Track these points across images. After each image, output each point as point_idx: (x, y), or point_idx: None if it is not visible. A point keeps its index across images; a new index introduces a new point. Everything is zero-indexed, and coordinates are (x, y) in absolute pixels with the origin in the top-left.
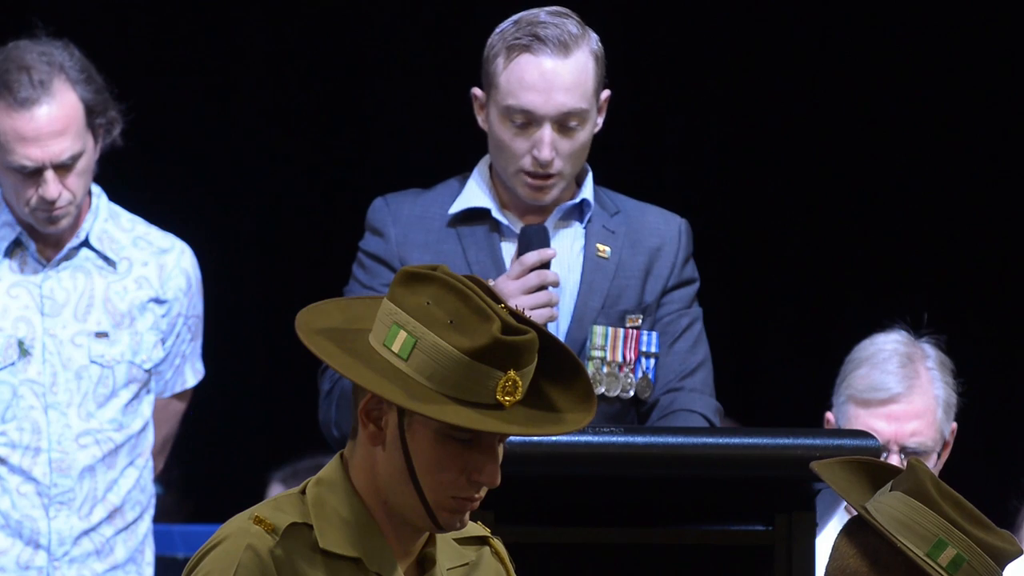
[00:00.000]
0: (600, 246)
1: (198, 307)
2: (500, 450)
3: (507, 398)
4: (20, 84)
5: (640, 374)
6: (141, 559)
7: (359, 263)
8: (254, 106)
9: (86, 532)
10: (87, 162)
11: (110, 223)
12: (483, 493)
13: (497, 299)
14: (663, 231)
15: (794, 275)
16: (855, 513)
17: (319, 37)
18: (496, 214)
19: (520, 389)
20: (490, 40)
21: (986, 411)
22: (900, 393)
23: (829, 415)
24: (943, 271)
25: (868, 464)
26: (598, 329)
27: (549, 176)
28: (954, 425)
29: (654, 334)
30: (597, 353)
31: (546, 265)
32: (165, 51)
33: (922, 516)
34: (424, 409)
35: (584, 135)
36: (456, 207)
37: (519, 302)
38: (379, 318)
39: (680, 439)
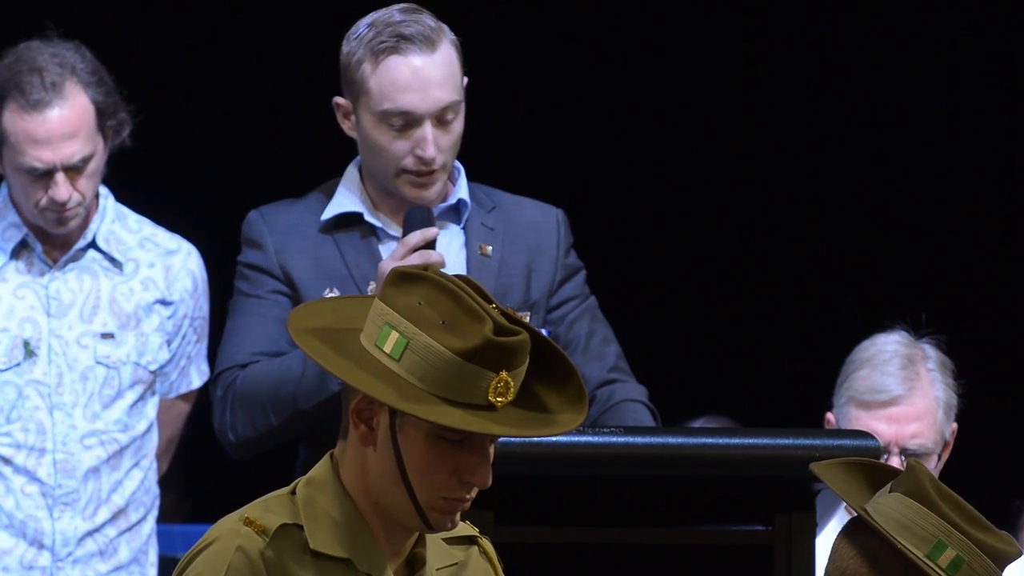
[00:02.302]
0: (483, 246)
1: (204, 308)
2: (491, 451)
3: (499, 399)
4: (32, 86)
5: None
6: (145, 560)
7: (240, 276)
8: (256, 107)
9: (90, 533)
10: (97, 164)
11: (117, 224)
12: (474, 494)
13: (489, 299)
14: (541, 225)
15: (794, 275)
16: (855, 514)
17: (322, 39)
18: (369, 217)
19: (512, 390)
20: (347, 48)
21: (986, 412)
22: (901, 395)
23: (829, 416)
24: (943, 271)
25: (867, 465)
26: None
27: (432, 172)
28: (954, 426)
29: (544, 331)
30: None
31: (431, 245)
32: (166, 52)
33: (922, 517)
34: (415, 410)
35: (459, 126)
36: (328, 213)
37: None
38: (371, 318)
39: (680, 439)
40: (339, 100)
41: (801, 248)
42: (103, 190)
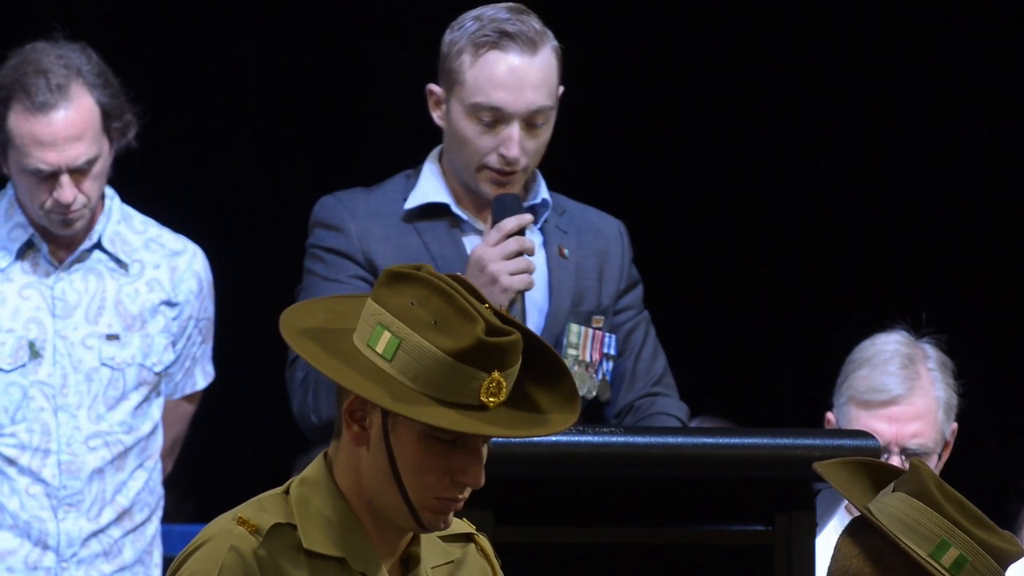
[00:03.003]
0: (561, 247)
1: (209, 309)
2: (484, 451)
3: (491, 399)
4: (37, 88)
5: (600, 375)
6: (149, 560)
7: (316, 259)
8: (253, 107)
9: (95, 534)
10: (102, 166)
11: (123, 225)
12: (467, 494)
13: (481, 299)
14: (606, 233)
15: (795, 275)
16: (855, 513)
17: (320, 40)
18: (456, 209)
19: (504, 390)
20: (449, 37)
21: (986, 411)
22: (901, 395)
23: (829, 415)
24: (943, 271)
25: (871, 465)
26: (574, 328)
27: (513, 172)
28: (955, 426)
29: (614, 336)
30: (572, 352)
31: (522, 232)
32: (169, 53)
33: (925, 517)
34: (407, 411)
35: (547, 132)
36: (413, 202)
37: (499, 267)
38: (363, 318)
39: (680, 439)
40: (433, 87)
41: (801, 248)
42: (109, 191)
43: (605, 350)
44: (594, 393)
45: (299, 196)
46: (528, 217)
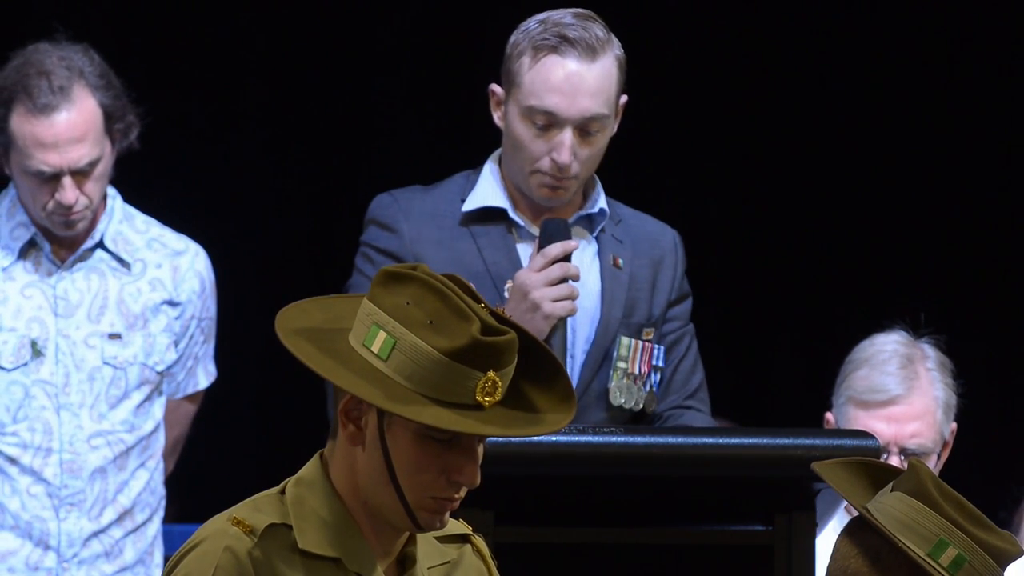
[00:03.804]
0: (615, 257)
1: (211, 309)
2: (480, 450)
3: (486, 399)
4: (40, 90)
5: (648, 388)
6: (150, 560)
7: (365, 257)
8: (254, 108)
9: (96, 534)
10: (104, 167)
11: (125, 225)
12: (463, 493)
13: (477, 299)
14: (662, 243)
15: (794, 275)
16: (855, 513)
17: (322, 41)
18: (512, 215)
19: (499, 390)
20: (513, 38)
21: (985, 411)
22: (900, 395)
23: (829, 415)
24: (943, 271)
25: (869, 465)
26: (624, 341)
27: (565, 178)
28: (954, 426)
29: (662, 348)
30: (621, 365)
31: (567, 257)
32: (170, 54)
33: (923, 516)
34: (402, 410)
35: (603, 141)
36: (470, 205)
37: (542, 294)
38: (359, 318)
39: (680, 439)
40: (495, 88)
41: (801, 248)
42: (111, 191)
43: (654, 362)
44: (641, 405)
45: (300, 196)
46: (573, 244)
